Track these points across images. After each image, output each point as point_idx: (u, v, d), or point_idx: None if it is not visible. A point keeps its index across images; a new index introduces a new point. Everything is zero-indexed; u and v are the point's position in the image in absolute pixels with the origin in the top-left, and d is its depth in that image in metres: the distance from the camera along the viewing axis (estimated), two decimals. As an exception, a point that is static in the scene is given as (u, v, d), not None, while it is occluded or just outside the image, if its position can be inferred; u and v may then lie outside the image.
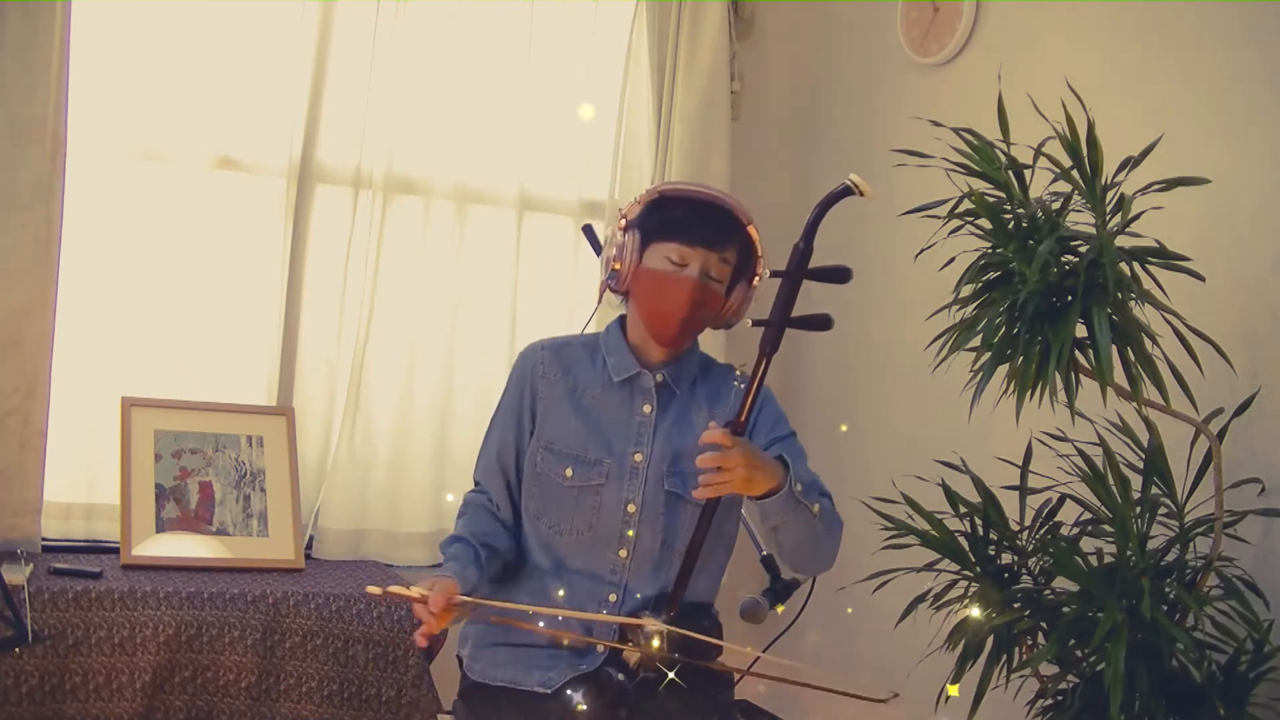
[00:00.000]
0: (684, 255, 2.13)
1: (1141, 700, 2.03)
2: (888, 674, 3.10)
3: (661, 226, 2.15)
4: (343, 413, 3.26)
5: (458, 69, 3.34)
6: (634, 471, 2.19)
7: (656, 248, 2.15)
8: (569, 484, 2.18)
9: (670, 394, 2.23)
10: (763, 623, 2.21)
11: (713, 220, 2.15)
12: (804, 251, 2.06)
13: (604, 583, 2.18)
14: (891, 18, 3.42)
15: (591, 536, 2.18)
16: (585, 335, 2.32)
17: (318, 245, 3.27)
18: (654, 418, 2.21)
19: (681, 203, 2.16)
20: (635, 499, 2.18)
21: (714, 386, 2.27)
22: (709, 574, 2.23)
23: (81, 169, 2.99)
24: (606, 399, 2.22)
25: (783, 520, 2.05)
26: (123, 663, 2.62)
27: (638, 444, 2.20)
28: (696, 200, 2.16)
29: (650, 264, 2.16)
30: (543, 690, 2.10)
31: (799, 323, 2.09)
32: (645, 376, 2.22)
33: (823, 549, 2.16)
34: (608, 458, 2.19)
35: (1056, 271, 2.06)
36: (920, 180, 2.26)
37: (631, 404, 2.22)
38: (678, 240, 2.13)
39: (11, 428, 2.86)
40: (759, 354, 2.07)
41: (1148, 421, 2.21)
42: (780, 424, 2.24)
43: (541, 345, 2.29)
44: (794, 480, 2.03)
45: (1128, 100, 2.68)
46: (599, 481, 2.18)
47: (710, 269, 2.14)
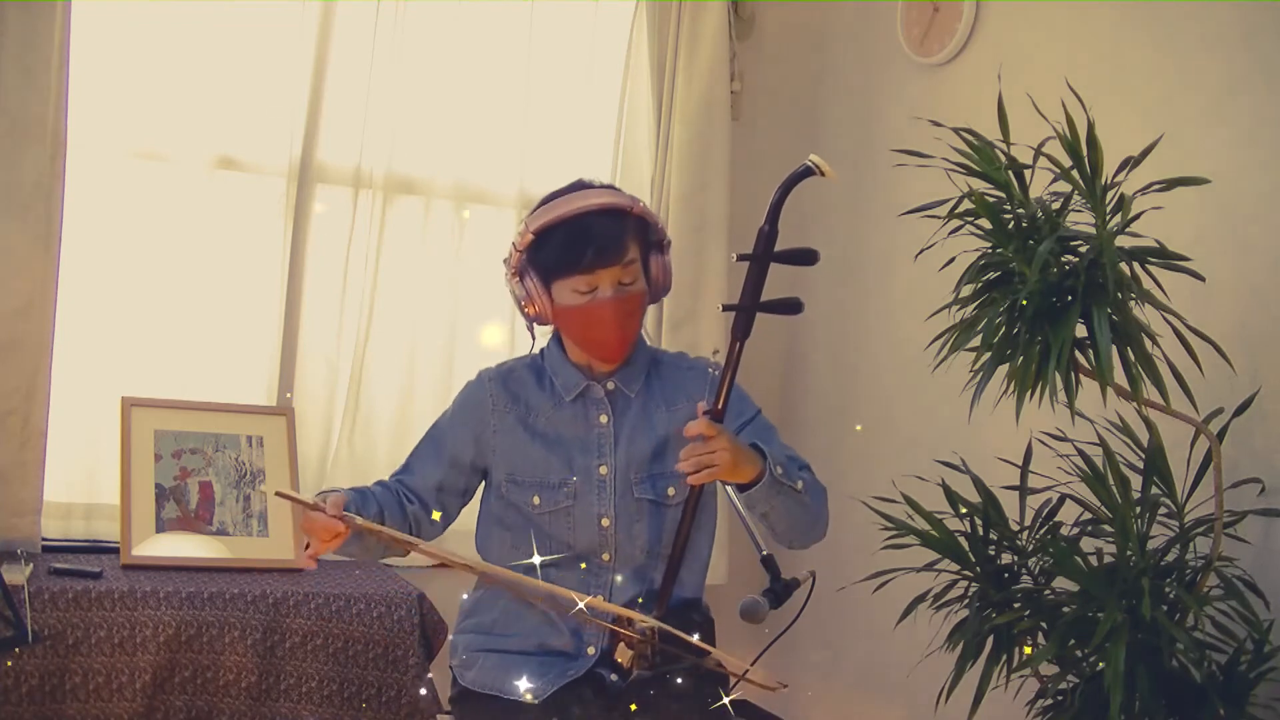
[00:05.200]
0: (589, 283, 2.09)
1: (1141, 700, 2.03)
2: (888, 674, 3.10)
3: (554, 264, 2.10)
4: (343, 413, 3.26)
5: (458, 69, 3.34)
6: (601, 485, 2.17)
7: (561, 284, 2.11)
8: (539, 511, 2.16)
9: (624, 400, 2.21)
10: (763, 623, 2.21)
11: (597, 233, 2.08)
12: (769, 234, 2.03)
13: (590, 587, 2.17)
14: (891, 18, 3.42)
15: (573, 555, 2.18)
16: (530, 356, 2.27)
17: (318, 245, 3.27)
18: (612, 427, 2.19)
19: (559, 230, 2.09)
20: (608, 512, 2.16)
21: (671, 380, 2.24)
22: (694, 569, 2.22)
23: (81, 169, 2.99)
24: (560, 417, 2.20)
25: (770, 505, 2.05)
26: (123, 663, 2.62)
27: (600, 456, 2.18)
28: (572, 221, 2.08)
29: (562, 300, 2.11)
30: (533, 699, 2.10)
31: (769, 307, 2.06)
32: (594, 388, 2.19)
33: (814, 521, 2.15)
34: (571, 476, 2.16)
35: (1056, 271, 2.06)
36: (920, 180, 2.26)
37: (587, 417, 2.19)
38: (575, 273, 2.08)
39: (11, 428, 2.86)
40: (731, 339, 2.04)
41: (1148, 421, 2.21)
42: (744, 405, 2.22)
43: (488, 376, 2.26)
44: (773, 464, 2.03)
45: (1128, 100, 2.68)
46: (567, 503, 2.16)
47: (619, 279, 2.09)
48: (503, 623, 2.21)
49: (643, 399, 2.21)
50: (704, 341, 3.40)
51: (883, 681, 3.18)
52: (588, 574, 2.18)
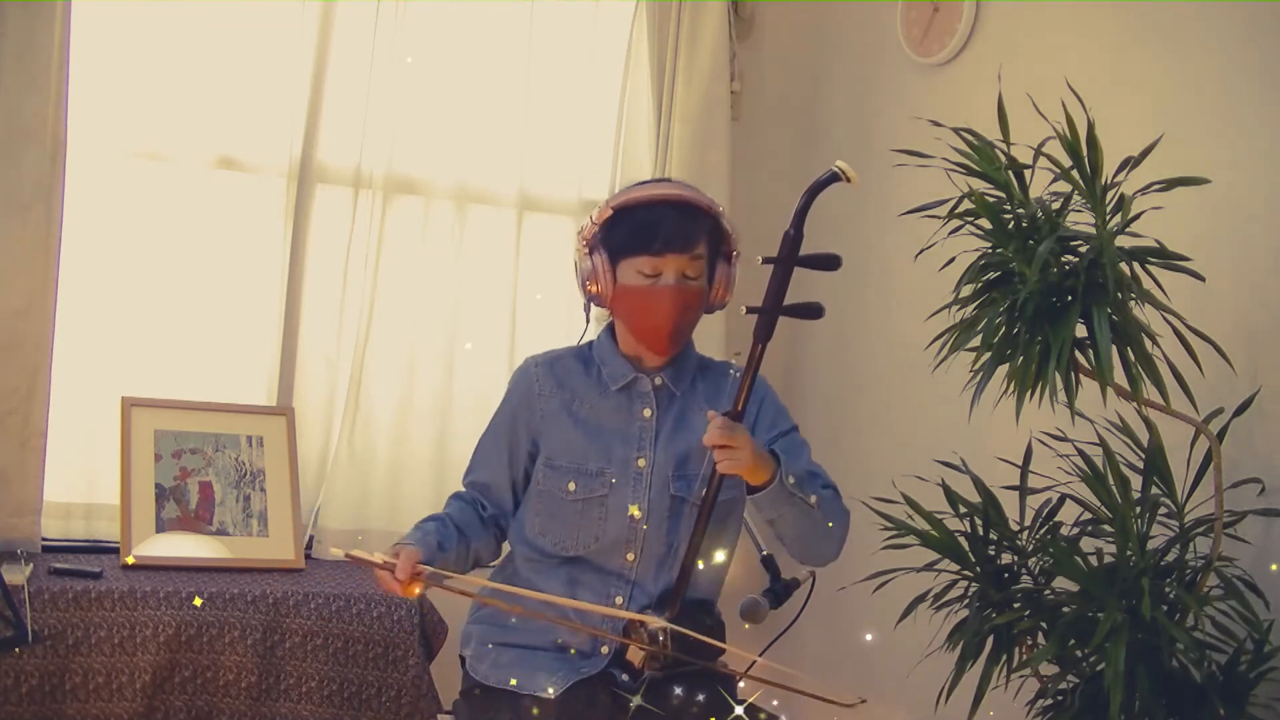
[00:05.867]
0: (655, 266, 2.13)
1: (1141, 700, 2.03)
2: (888, 674, 3.10)
3: (625, 242, 2.14)
4: (343, 413, 3.26)
5: (458, 69, 3.34)
6: (638, 477, 2.18)
7: (627, 263, 2.15)
8: (573, 498, 2.18)
9: (670, 396, 2.23)
10: (763, 623, 2.21)
11: (672, 221, 2.13)
12: (794, 238, 2.06)
13: (611, 585, 2.18)
14: (891, 17, 3.42)
15: (598, 549, 2.18)
16: (577, 347, 2.31)
17: (318, 245, 3.27)
18: (655, 421, 2.20)
19: (638, 211, 2.14)
20: (641, 505, 2.17)
21: (713, 385, 2.26)
22: (712, 572, 2.23)
23: (81, 169, 2.99)
24: (604, 406, 2.22)
25: (778, 513, 2.06)
26: (123, 663, 2.62)
27: (640, 449, 2.19)
28: (652, 205, 2.14)
29: (625, 280, 2.15)
30: (546, 695, 2.10)
31: (792, 310, 2.08)
32: (643, 380, 2.22)
33: (822, 540, 2.16)
34: (609, 466, 2.18)
35: (1056, 271, 2.06)
36: (920, 180, 2.26)
37: (631, 409, 2.21)
38: (644, 254, 2.13)
39: (11, 428, 2.86)
40: (753, 342, 2.07)
41: (1148, 421, 2.21)
42: (781, 418, 2.25)
43: (535, 362, 2.28)
44: (785, 473, 2.03)
45: (1128, 100, 2.68)
46: (602, 492, 2.17)
47: (684, 270, 2.14)
48: (518, 616, 2.21)
49: (687, 399, 2.24)
50: (705, 341, 3.39)
51: (883, 681, 3.18)
52: (607, 576, 2.18)
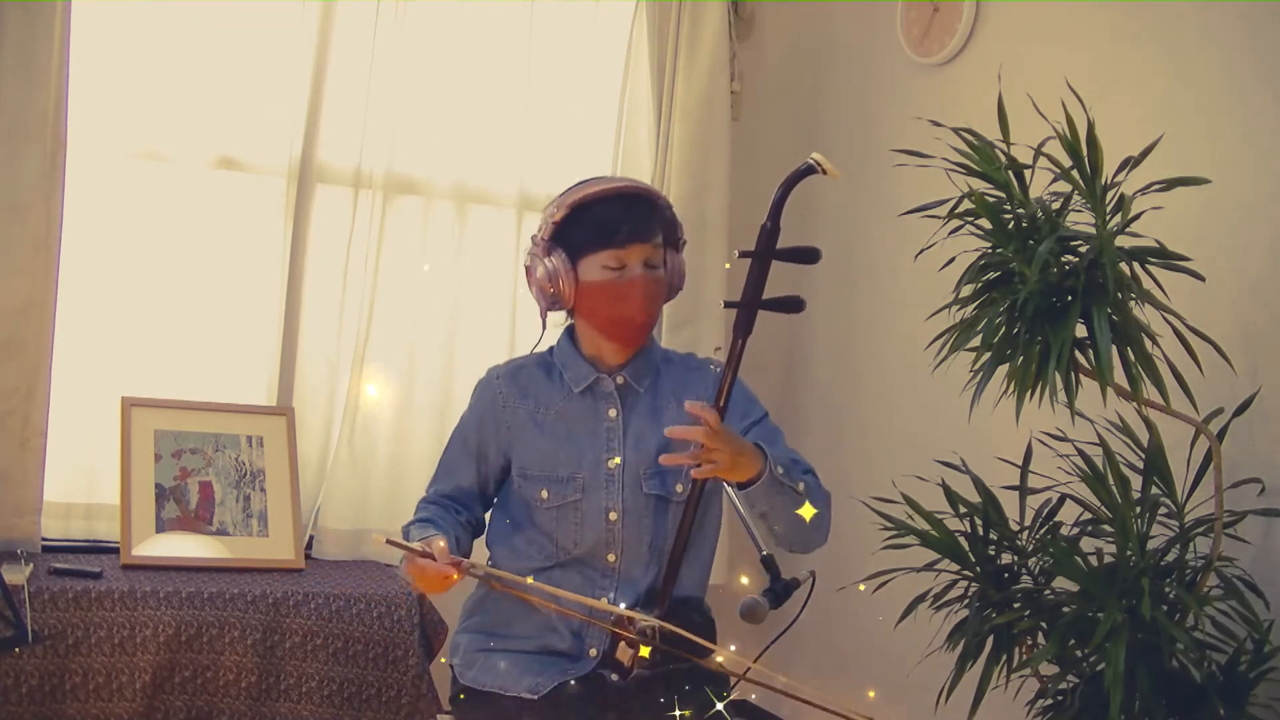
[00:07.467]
0: (619, 258, 2.11)
1: (1141, 700, 2.03)
2: (888, 674, 3.10)
3: (586, 239, 2.12)
4: (343, 413, 3.26)
5: (458, 69, 3.34)
6: (610, 478, 2.17)
7: (589, 260, 2.13)
8: (547, 505, 2.17)
9: (634, 394, 2.21)
10: (763, 623, 2.21)
11: (630, 211, 2.13)
12: (771, 231, 2.04)
13: (596, 587, 2.18)
14: (891, 18, 3.42)
15: (579, 553, 2.18)
16: (537, 354, 2.29)
17: (318, 245, 3.27)
18: (621, 420, 2.19)
19: (594, 207, 2.13)
20: (615, 506, 2.16)
21: (679, 378, 2.24)
22: (697, 567, 2.22)
23: (81, 169, 2.99)
24: (569, 411, 2.20)
25: (769, 505, 2.05)
26: (123, 663, 2.62)
27: (610, 450, 2.18)
28: (607, 200, 2.14)
29: (589, 277, 2.13)
30: (531, 696, 2.10)
31: (771, 304, 2.07)
32: (604, 381, 2.20)
33: (815, 525, 2.15)
34: (580, 471, 2.17)
35: (1056, 271, 2.06)
36: (920, 180, 2.26)
37: (596, 411, 2.20)
38: (607, 248, 2.11)
39: (11, 428, 2.86)
40: (733, 336, 2.06)
41: (1148, 421, 2.21)
42: (752, 407, 2.23)
43: (496, 374, 2.27)
44: (774, 464, 2.03)
45: (1128, 100, 2.68)
46: (575, 497, 2.17)
47: (648, 258, 2.13)
48: (505, 623, 2.21)
49: (652, 395, 2.22)
50: (704, 341, 3.40)
51: (882, 681, 3.18)
52: (592, 576, 2.18)
